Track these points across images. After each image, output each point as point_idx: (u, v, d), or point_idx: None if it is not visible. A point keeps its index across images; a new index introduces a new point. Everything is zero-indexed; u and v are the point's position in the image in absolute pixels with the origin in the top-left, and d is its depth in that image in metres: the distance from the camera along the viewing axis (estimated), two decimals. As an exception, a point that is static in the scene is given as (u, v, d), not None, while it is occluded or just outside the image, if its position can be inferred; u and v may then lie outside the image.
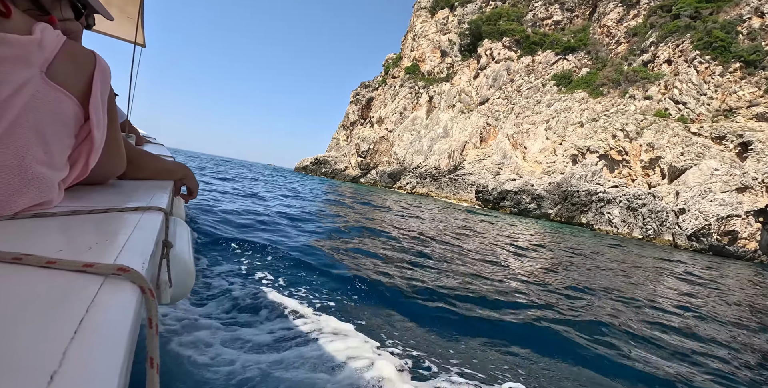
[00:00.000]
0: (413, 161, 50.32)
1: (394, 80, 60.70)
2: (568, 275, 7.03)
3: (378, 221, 11.16)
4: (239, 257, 4.73)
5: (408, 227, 10.37)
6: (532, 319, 4.05)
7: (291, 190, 18.36)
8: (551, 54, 50.50)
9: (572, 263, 9.08)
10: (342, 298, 3.88)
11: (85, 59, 0.86)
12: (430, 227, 11.45)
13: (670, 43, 43.76)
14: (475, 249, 8.42)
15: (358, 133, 59.69)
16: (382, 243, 7.16)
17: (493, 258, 7.62)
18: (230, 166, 46.27)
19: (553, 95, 46.33)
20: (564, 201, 33.09)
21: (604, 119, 40.68)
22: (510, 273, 6.36)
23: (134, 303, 0.44)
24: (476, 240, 10.32)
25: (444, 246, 8.05)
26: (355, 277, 4.40)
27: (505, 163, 43.32)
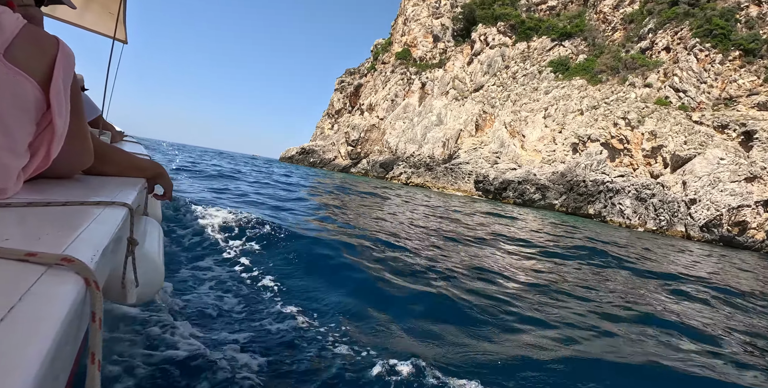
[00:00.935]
0: (406, 150, 48.50)
1: (384, 66, 58.34)
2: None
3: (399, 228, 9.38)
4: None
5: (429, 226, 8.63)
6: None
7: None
8: (547, 40, 49.18)
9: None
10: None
11: (47, 44, 0.84)
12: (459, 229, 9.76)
13: (669, 30, 43.02)
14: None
15: (347, 121, 57.24)
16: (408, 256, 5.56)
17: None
18: (222, 159, 43.61)
19: (551, 82, 45.12)
20: (569, 191, 32.02)
21: (604, 107, 39.76)
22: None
23: (74, 294, 0.42)
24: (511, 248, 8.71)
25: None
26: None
27: (503, 152, 42.03)
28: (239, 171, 18.64)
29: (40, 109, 0.82)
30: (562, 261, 7.12)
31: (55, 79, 0.83)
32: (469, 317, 3.50)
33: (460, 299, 3.80)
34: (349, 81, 79.90)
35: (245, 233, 5.05)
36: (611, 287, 5.63)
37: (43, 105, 0.82)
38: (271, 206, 8.17)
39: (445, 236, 7.82)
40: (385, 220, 9.17)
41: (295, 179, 19.49)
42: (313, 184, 18.83)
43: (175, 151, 30.50)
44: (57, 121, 0.84)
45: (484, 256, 6.51)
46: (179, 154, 26.23)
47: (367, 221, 8.49)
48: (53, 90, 0.82)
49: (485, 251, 6.97)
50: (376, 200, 14.41)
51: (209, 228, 5.02)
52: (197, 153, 43.79)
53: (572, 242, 10.17)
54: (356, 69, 79.41)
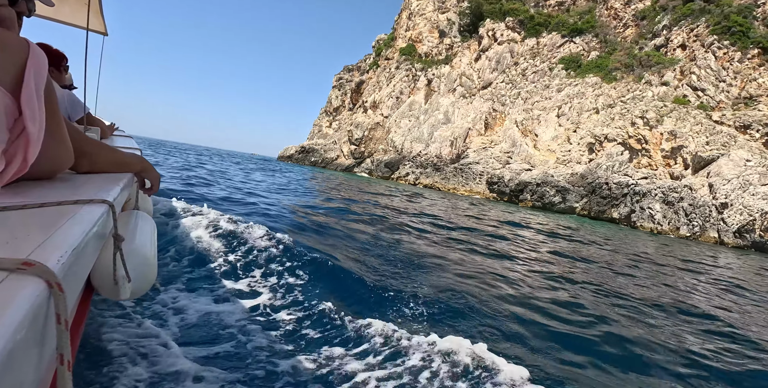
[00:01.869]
0: (412, 149, 46.83)
1: (388, 62, 56.47)
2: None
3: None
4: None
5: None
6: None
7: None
8: (557, 36, 47.76)
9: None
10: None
11: (16, 48, 0.81)
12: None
13: (684, 27, 41.83)
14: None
15: (350, 119, 55.31)
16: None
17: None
18: (225, 159, 41.52)
19: (562, 80, 43.71)
20: (591, 194, 30.63)
21: (620, 106, 38.45)
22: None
23: (32, 298, 0.42)
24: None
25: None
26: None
27: (515, 152, 40.57)
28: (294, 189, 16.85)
29: (12, 116, 0.79)
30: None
31: (27, 85, 0.79)
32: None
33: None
34: (348, 78, 77.94)
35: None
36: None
37: (15, 111, 0.79)
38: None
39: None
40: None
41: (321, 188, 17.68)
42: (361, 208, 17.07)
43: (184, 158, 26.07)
44: (30, 127, 0.81)
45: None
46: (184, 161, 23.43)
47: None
48: (24, 96, 0.79)
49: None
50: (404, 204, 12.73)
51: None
52: (198, 155, 41.82)
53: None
54: (355, 66, 77.45)
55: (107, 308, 2.70)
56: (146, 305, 2.91)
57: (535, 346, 3.19)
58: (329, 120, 77.05)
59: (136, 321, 2.61)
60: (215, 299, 3.25)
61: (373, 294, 3.75)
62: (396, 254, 5.60)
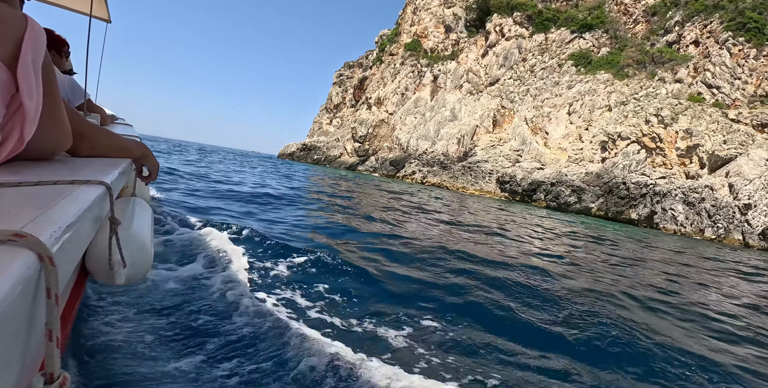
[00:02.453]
0: (418, 147, 45.76)
1: (392, 58, 55.22)
2: None
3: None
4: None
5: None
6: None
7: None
8: (566, 32, 46.78)
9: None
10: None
11: (13, 22, 0.80)
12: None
13: (697, 23, 40.96)
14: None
15: (354, 116, 54.06)
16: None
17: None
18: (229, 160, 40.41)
19: (572, 76, 42.77)
20: (608, 194, 29.75)
21: (634, 103, 37.58)
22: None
23: (23, 269, 0.42)
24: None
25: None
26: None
27: (525, 150, 39.63)
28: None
29: (8, 91, 0.78)
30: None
31: (23, 59, 0.78)
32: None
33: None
34: (348, 75, 76.73)
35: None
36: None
37: (12, 86, 0.78)
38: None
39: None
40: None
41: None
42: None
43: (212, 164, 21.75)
44: (27, 102, 0.80)
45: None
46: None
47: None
48: (21, 70, 0.78)
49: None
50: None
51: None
52: (207, 155, 40.64)
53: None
54: (356, 62, 76.25)
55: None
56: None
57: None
58: (329, 117, 75.80)
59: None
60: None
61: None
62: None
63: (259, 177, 16.85)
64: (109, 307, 2.72)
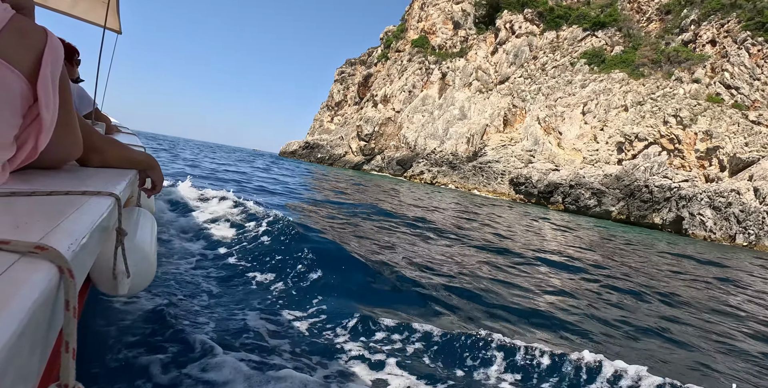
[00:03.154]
0: (426, 146, 44.59)
1: (398, 54, 53.89)
2: None
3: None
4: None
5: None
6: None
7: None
8: (578, 30, 45.74)
9: None
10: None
11: (34, 36, 0.83)
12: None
13: (714, 22, 40.05)
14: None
15: (359, 114, 52.67)
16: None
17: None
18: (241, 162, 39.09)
19: (585, 75, 41.75)
20: (629, 197, 28.74)
21: (650, 103, 36.61)
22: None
23: (45, 282, 0.42)
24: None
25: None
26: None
27: (538, 150, 38.58)
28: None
29: (26, 102, 0.80)
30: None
31: (43, 72, 0.81)
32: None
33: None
34: (350, 72, 75.48)
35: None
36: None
37: (30, 98, 0.81)
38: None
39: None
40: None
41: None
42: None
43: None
44: (44, 114, 0.82)
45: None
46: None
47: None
48: (41, 83, 0.81)
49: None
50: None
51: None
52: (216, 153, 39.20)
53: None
54: (358, 59, 75.03)
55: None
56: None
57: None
58: (331, 115, 74.48)
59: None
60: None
61: None
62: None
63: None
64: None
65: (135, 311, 2.44)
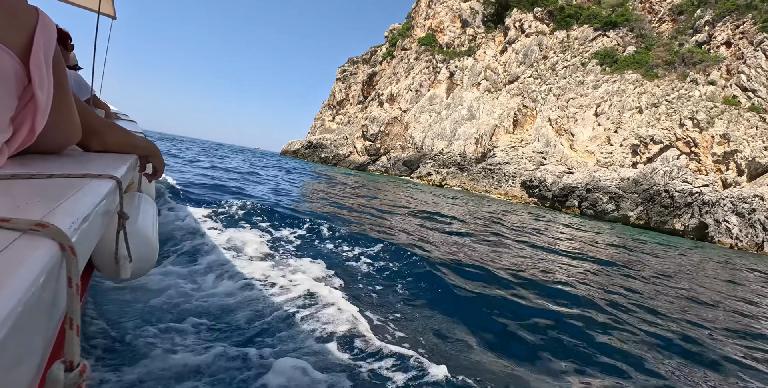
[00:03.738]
0: (434, 147, 43.62)
1: (405, 53, 52.80)
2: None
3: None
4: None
5: None
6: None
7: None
8: (589, 29, 44.90)
9: None
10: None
11: (25, 15, 0.81)
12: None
13: (729, 23, 39.32)
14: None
15: (364, 113, 51.56)
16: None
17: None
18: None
19: (597, 75, 40.92)
20: (649, 202, 27.91)
21: (666, 105, 35.82)
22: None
23: (46, 259, 0.42)
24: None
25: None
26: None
27: (549, 152, 37.71)
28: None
29: (20, 83, 0.79)
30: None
31: (35, 51, 0.79)
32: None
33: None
34: (352, 70, 74.47)
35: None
36: None
37: (24, 78, 0.79)
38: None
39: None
40: None
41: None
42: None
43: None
44: (39, 94, 0.81)
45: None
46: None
47: None
48: (33, 62, 0.79)
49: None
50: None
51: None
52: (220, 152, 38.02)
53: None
54: (360, 58, 74.01)
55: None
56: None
57: None
58: (332, 114, 73.40)
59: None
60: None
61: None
62: None
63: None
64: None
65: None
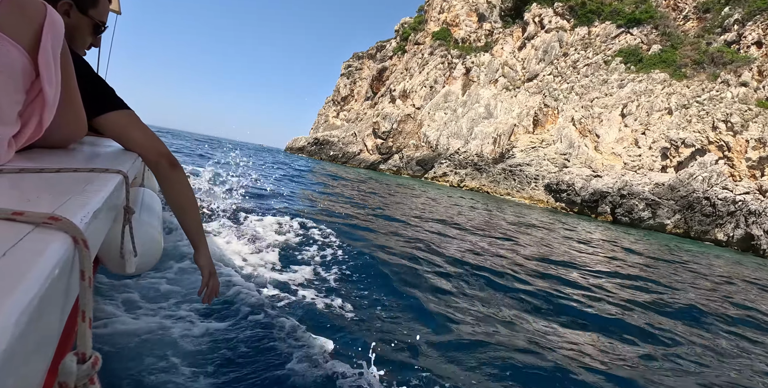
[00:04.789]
0: (449, 146, 41.87)
1: (418, 48, 50.80)
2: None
3: None
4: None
5: None
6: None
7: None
8: (611, 26, 43.23)
9: None
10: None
11: (34, 9, 0.81)
12: None
13: (760, 22, 37.82)
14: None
15: (376, 110, 49.54)
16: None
17: None
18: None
19: (622, 74, 39.32)
20: (687, 210, 26.39)
21: (697, 107, 34.30)
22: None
23: (60, 252, 0.42)
24: None
25: None
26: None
27: (573, 154, 36.12)
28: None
29: (28, 77, 0.80)
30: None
31: (44, 47, 0.79)
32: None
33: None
34: (357, 66, 72.64)
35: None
36: None
37: (32, 73, 0.80)
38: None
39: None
40: None
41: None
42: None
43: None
44: (47, 89, 0.82)
45: None
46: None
47: None
48: (42, 57, 0.79)
49: None
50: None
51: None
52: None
53: None
54: (365, 53, 72.12)
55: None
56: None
57: None
58: (336, 110, 71.48)
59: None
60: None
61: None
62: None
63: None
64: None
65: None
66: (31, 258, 0.38)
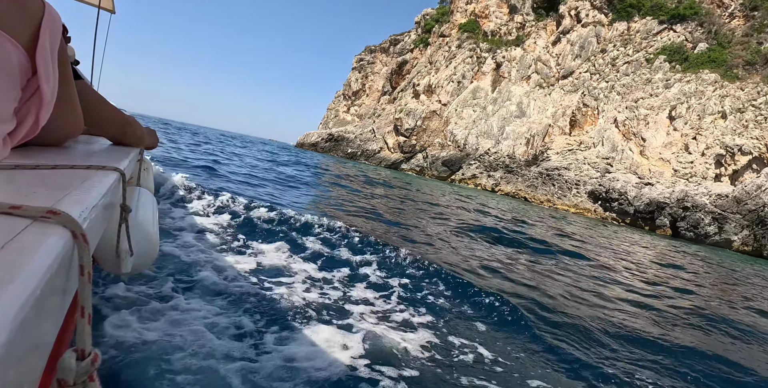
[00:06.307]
0: (479, 146, 39.28)
1: (444, 40, 47.87)
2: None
3: None
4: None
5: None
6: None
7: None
8: (653, 22, 40.62)
9: None
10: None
11: (32, 6, 0.81)
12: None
13: (816, 21, 35.44)
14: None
15: (400, 105, 46.63)
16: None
17: None
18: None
19: (667, 73, 36.81)
20: (758, 225, 24.06)
21: (753, 111, 31.89)
22: None
23: (59, 246, 0.41)
24: None
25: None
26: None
27: (616, 158, 33.69)
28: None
29: (25, 74, 0.79)
30: None
31: (42, 44, 0.79)
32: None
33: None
34: (370, 59, 69.78)
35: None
36: None
37: (29, 70, 0.79)
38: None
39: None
40: None
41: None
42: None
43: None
44: (44, 86, 0.81)
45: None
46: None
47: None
48: (39, 54, 0.79)
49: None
50: None
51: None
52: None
53: None
54: (378, 46, 69.26)
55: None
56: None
57: None
58: (347, 104, 68.60)
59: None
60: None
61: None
62: None
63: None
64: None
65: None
66: (30, 252, 0.37)
